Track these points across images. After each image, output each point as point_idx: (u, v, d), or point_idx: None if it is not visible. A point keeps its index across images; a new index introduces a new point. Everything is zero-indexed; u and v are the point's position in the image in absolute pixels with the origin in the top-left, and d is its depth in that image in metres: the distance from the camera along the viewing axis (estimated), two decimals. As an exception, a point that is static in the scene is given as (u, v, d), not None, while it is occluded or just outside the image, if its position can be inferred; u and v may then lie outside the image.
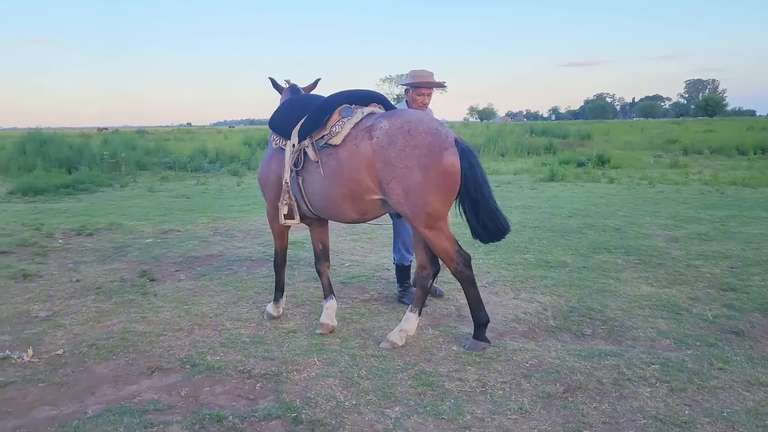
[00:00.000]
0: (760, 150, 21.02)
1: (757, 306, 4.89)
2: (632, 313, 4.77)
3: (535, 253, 6.96)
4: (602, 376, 3.63)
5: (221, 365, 3.91)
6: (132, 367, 3.93)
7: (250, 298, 5.37)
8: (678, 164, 18.12)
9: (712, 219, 8.83)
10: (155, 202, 11.89)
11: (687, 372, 3.65)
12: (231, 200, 12.24)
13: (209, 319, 4.83)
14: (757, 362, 3.79)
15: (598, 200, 11.25)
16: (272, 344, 4.26)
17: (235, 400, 3.49)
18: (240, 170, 18.18)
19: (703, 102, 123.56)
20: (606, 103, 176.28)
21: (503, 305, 5.06)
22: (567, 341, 4.30)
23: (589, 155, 19.12)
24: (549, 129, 36.37)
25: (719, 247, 6.96)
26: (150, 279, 6.02)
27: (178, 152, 22.00)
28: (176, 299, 5.34)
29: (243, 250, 7.37)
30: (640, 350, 4.03)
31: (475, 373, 3.74)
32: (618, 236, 7.78)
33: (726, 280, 5.63)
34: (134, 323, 4.72)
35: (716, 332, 4.36)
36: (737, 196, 11.33)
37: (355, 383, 3.63)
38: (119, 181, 15.62)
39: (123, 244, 7.80)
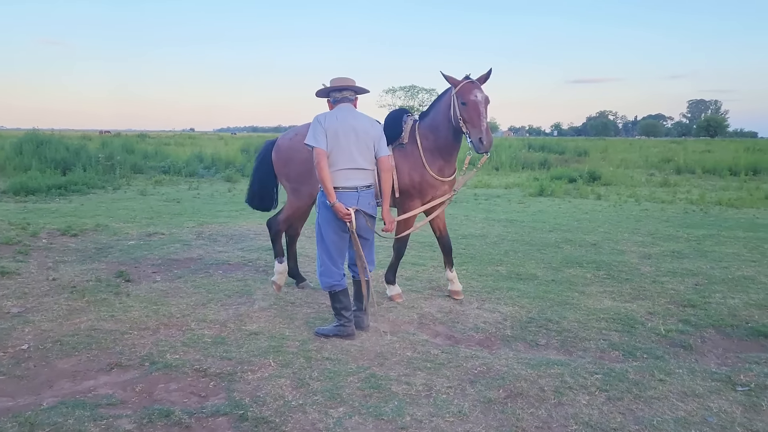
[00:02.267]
0: (752, 171, 21.16)
1: (712, 322, 5.00)
2: (588, 326, 4.88)
3: (508, 265, 7.07)
4: (545, 383, 3.74)
5: (179, 363, 4.03)
6: (92, 363, 4.05)
7: (220, 300, 5.49)
8: (668, 183, 18.26)
9: (689, 237, 8.95)
10: (145, 206, 12.03)
11: (627, 382, 3.76)
12: (220, 206, 12.38)
13: (176, 319, 4.95)
14: (697, 375, 3.90)
15: (582, 216, 11.38)
16: (232, 345, 4.38)
17: (187, 397, 3.60)
18: (234, 176, 18.34)
19: (705, 122, 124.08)
20: (608, 121, 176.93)
21: (465, 314, 5.18)
22: (520, 350, 4.41)
23: (582, 171, 19.27)
24: (547, 145, 36.54)
25: (689, 265, 7.08)
26: (126, 279, 6.14)
27: (175, 157, 22.18)
28: (147, 299, 5.46)
29: (222, 254, 7.49)
30: (588, 360, 4.15)
31: (424, 377, 3.86)
32: (593, 251, 7.90)
33: (688, 296, 5.74)
34: (102, 321, 4.84)
35: (666, 346, 4.48)
36: (720, 216, 11.45)
37: (306, 384, 3.74)
38: (112, 184, 15.78)
39: (106, 245, 7.93)
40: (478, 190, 16.44)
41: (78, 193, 14.05)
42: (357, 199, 4.42)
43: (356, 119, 4.44)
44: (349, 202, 4.38)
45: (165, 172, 19.13)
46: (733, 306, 5.42)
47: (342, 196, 4.38)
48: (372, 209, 4.55)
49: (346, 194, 4.39)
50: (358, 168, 4.40)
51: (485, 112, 4.91)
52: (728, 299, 5.63)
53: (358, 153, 4.38)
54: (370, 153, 4.47)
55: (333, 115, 4.44)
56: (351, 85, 4.54)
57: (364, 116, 4.56)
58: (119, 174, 17.63)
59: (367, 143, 4.43)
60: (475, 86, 4.97)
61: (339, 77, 4.57)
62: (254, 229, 9.41)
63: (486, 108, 4.93)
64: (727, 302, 5.53)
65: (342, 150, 4.35)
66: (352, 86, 4.54)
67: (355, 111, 4.53)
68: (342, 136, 4.34)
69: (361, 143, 4.40)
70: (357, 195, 4.42)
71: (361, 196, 4.44)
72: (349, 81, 4.57)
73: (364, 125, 4.44)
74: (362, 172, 4.43)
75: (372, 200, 4.55)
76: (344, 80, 4.56)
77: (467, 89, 4.94)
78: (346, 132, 4.35)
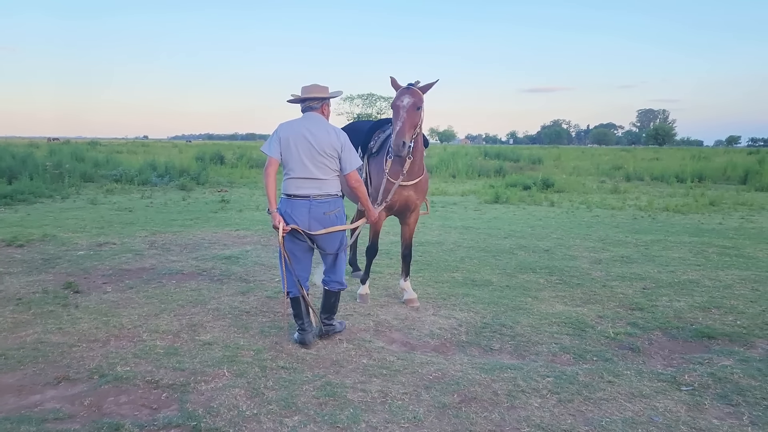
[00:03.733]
0: (698, 178, 21.98)
1: (659, 324, 5.17)
2: (540, 330, 4.98)
3: (463, 272, 7.16)
4: (498, 387, 3.81)
5: (130, 376, 3.94)
6: (38, 377, 3.92)
7: (173, 310, 5.39)
8: (618, 190, 18.79)
9: (637, 243, 9.23)
10: (95, 215, 11.72)
11: (577, 384, 3.85)
12: (174, 214, 12.16)
13: (127, 330, 4.83)
14: (644, 376, 4.03)
15: (536, 223, 11.60)
16: (185, 356, 4.31)
17: (138, 409, 3.52)
18: (188, 185, 18.04)
19: (654, 131, 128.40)
20: (562, 129, 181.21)
21: (421, 321, 5.22)
22: (475, 355, 4.47)
23: (536, 179, 19.66)
24: (502, 152, 37.19)
25: (638, 269, 7.30)
26: (74, 291, 5.97)
27: (127, 165, 21.68)
28: (97, 311, 5.32)
29: (176, 263, 7.36)
30: (540, 364, 4.23)
31: (379, 384, 3.87)
32: (546, 257, 8.07)
33: (636, 300, 5.92)
34: (49, 334, 4.70)
35: (615, 348, 4.61)
36: (667, 222, 11.84)
37: (260, 393, 3.71)
38: (61, 193, 15.31)
39: (53, 255, 7.70)
40: (435, 197, 16.58)
41: (24, 202, 13.58)
42: (309, 208, 4.37)
43: (313, 129, 4.37)
44: (300, 211, 4.36)
45: (117, 180, 18.67)
46: (679, 309, 5.61)
47: (293, 204, 4.37)
48: (327, 219, 4.43)
49: (298, 202, 4.37)
50: (310, 177, 4.35)
51: (403, 116, 5.01)
52: (674, 302, 5.83)
53: (311, 162, 4.33)
54: (328, 163, 4.38)
55: (293, 123, 4.43)
56: (315, 94, 4.47)
57: (326, 126, 4.45)
58: (68, 183, 17.11)
59: (323, 153, 4.34)
60: (404, 92, 5.12)
61: (307, 85, 4.54)
62: (209, 238, 9.28)
63: (406, 112, 5.02)
64: (673, 305, 5.73)
65: (294, 159, 4.34)
66: (316, 95, 4.47)
67: (317, 120, 4.45)
68: (294, 145, 4.33)
69: (316, 153, 4.33)
70: (309, 204, 4.37)
71: (314, 206, 4.37)
72: (315, 89, 4.51)
73: (321, 135, 4.35)
74: (316, 181, 4.37)
75: (329, 210, 4.43)
76: (310, 89, 4.51)
77: (397, 94, 5.16)
78: (299, 141, 4.33)
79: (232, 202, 14.58)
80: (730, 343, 4.75)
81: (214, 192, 17.23)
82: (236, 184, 20.05)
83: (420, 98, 5.10)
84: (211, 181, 19.80)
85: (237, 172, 23.99)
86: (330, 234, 4.49)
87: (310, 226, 4.39)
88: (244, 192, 17.50)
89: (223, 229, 10.23)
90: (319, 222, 4.42)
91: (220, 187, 18.47)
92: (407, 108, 5.02)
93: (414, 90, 5.12)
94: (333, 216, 4.48)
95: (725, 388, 3.85)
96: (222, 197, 15.32)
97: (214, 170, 23.02)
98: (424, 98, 5.14)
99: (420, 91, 5.14)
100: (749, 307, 5.66)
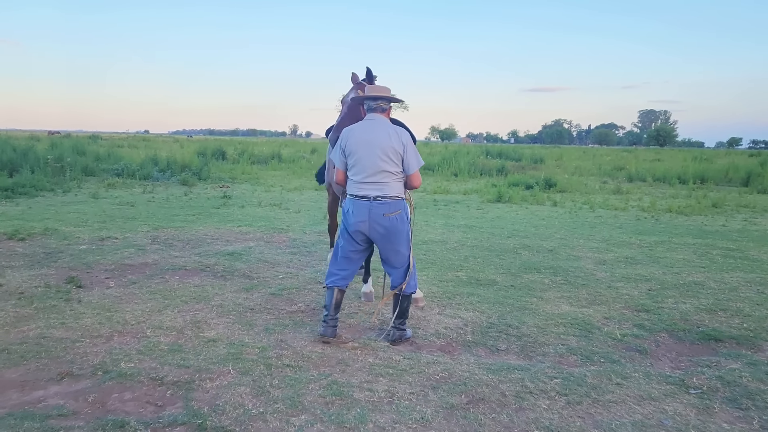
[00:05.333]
0: (700, 180, 21.93)
1: (665, 326, 5.13)
2: (547, 330, 4.95)
3: (468, 271, 7.13)
4: (506, 388, 3.77)
5: (134, 372, 3.91)
6: (42, 373, 3.89)
7: (176, 307, 5.35)
8: (621, 190, 18.74)
9: (641, 244, 9.20)
10: (97, 209, 11.68)
11: (586, 386, 3.82)
12: (176, 210, 12.12)
13: (130, 326, 4.80)
14: (653, 378, 3.99)
15: (539, 222, 11.57)
16: (190, 353, 4.27)
17: (142, 406, 3.49)
18: (190, 180, 17.98)
19: (655, 132, 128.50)
20: (563, 129, 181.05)
21: (426, 320, 5.18)
22: (481, 355, 4.44)
23: (538, 178, 19.62)
24: (504, 152, 37.13)
25: (642, 271, 7.27)
26: (77, 285, 5.94)
27: (129, 159, 21.63)
28: (100, 306, 5.29)
29: (179, 259, 7.32)
30: (547, 365, 4.20)
31: (386, 384, 3.83)
32: (550, 257, 8.03)
33: (642, 301, 5.88)
34: (51, 329, 4.66)
35: (622, 350, 4.57)
36: (670, 223, 11.81)
37: (266, 392, 3.68)
38: (62, 187, 15.26)
39: (56, 249, 7.66)
40: (437, 196, 16.55)
41: (25, 195, 13.53)
42: (369, 209, 4.42)
43: (377, 131, 4.45)
44: (361, 212, 4.44)
45: (118, 175, 18.63)
46: (685, 311, 5.58)
47: (354, 204, 4.48)
48: (387, 221, 4.44)
49: (359, 203, 4.46)
50: (371, 180, 4.43)
51: (344, 110, 5.25)
52: (680, 304, 5.79)
53: (372, 164, 4.41)
54: (389, 165, 4.43)
55: (355, 129, 4.54)
56: (385, 95, 4.60)
57: (389, 128, 4.50)
58: (69, 176, 17.08)
59: (385, 155, 4.41)
60: (352, 88, 5.35)
61: (375, 85, 4.73)
62: (211, 233, 9.25)
63: (348, 107, 5.19)
64: (679, 307, 5.69)
65: (357, 161, 4.47)
66: (386, 96, 4.59)
67: (381, 122, 4.53)
68: (358, 148, 4.44)
69: (378, 155, 4.40)
70: (369, 205, 4.42)
71: (374, 207, 4.42)
72: (384, 90, 4.64)
73: (384, 137, 4.42)
74: (376, 184, 4.43)
75: (388, 211, 4.44)
76: (379, 89, 4.64)
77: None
78: (362, 144, 4.43)
79: (234, 198, 14.54)
80: (737, 346, 4.72)
81: (216, 188, 17.19)
82: (238, 180, 20.00)
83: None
84: (212, 177, 19.75)
85: (239, 168, 23.96)
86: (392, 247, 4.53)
87: (370, 227, 4.46)
88: (246, 188, 17.46)
89: (226, 225, 10.19)
90: (379, 224, 4.44)
91: (222, 183, 18.43)
92: (348, 103, 5.23)
93: (361, 85, 5.28)
94: (394, 218, 4.46)
95: (734, 391, 3.82)
96: (224, 193, 15.29)
97: (216, 166, 22.99)
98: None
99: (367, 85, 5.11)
100: (755, 310, 5.63)
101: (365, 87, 5.08)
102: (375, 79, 5.32)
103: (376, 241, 4.54)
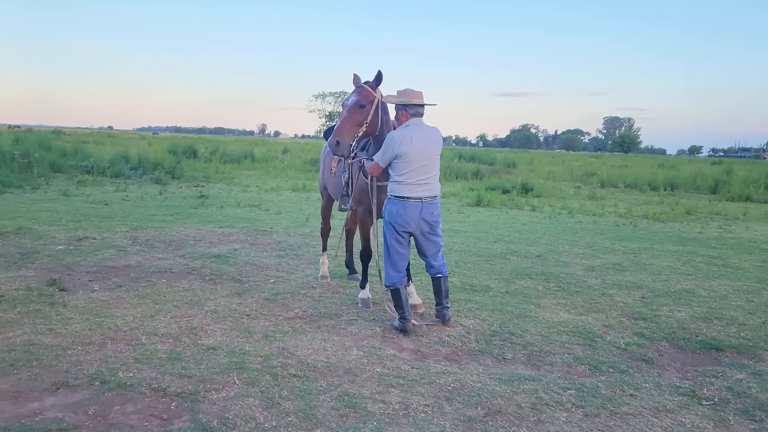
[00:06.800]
0: (670, 187, 22.37)
1: (665, 335, 5.14)
2: (550, 339, 4.90)
3: (460, 276, 7.06)
4: (521, 400, 3.70)
5: (134, 382, 3.72)
6: (35, 383, 3.68)
7: (169, 312, 5.15)
8: (596, 196, 18.97)
9: (625, 250, 9.28)
10: (70, 207, 11.29)
11: (600, 398, 3.78)
12: (153, 209, 11.80)
13: (123, 332, 4.59)
14: (664, 389, 3.97)
15: (522, 227, 11.60)
16: (190, 361, 4.10)
17: (147, 420, 3.32)
18: (163, 178, 17.56)
19: (620, 138, 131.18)
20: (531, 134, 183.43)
21: (428, 327, 5.09)
22: (489, 365, 4.36)
23: (514, 183, 19.75)
24: (477, 155, 37.36)
25: (632, 278, 7.31)
26: (60, 288, 5.68)
27: (97, 156, 21.02)
28: (88, 311, 5.06)
29: (163, 261, 7.09)
30: (557, 375, 4.15)
31: (398, 395, 3.73)
32: (539, 263, 8.03)
33: (637, 309, 5.90)
34: (40, 335, 4.43)
35: (628, 359, 4.55)
36: (648, 230, 11.96)
37: (276, 404, 3.54)
38: (30, 183, 14.74)
39: (31, 249, 7.35)
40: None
41: (-8, 192, 13.02)
42: (420, 209, 4.78)
43: (427, 136, 4.81)
44: (412, 213, 4.76)
45: (88, 171, 18.07)
46: (681, 319, 5.60)
47: (405, 205, 4.75)
48: (433, 219, 4.87)
49: (410, 204, 4.76)
50: (423, 182, 4.77)
51: (344, 114, 5.00)
52: (675, 312, 5.82)
53: (422, 168, 4.74)
54: (435, 166, 4.87)
55: (407, 134, 4.73)
56: (428, 103, 4.93)
57: (432, 130, 4.90)
58: (37, 173, 16.50)
59: (432, 157, 4.82)
60: (353, 91, 5.09)
61: (411, 90, 4.89)
62: (193, 234, 9.01)
63: (348, 111, 4.98)
64: (675, 315, 5.72)
65: (408, 164, 4.71)
66: (429, 103, 4.94)
67: (425, 127, 4.88)
68: (413, 152, 4.70)
69: (427, 159, 4.77)
70: (421, 205, 4.78)
71: (425, 207, 4.79)
72: (421, 96, 4.91)
73: (431, 142, 4.82)
74: (426, 184, 4.79)
75: (435, 210, 4.88)
76: (418, 95, 4.89)
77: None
78: (416, 148, 4.71)
79: (212, 198, 14.24)
80: (738, 355, 4.75)
81: (191, 187, 16.83)
82: (212, 179, 19.63)
83: (366, 96, 4.96)
84: (186, 176, 19.35)
85: (212, 166, 23.56)
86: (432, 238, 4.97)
87: (419, 225, 4.83)
88: (222, 188, 17.14)
89: (207, 225, 9.95)
90: (427, 221, 4.84)
91: (197, 182, 18.06)
92: (349, 107, 4.98)
93: (363, 89, 5.02)
94: (437, 215, 4.92)
95: (746, 403, 3.82)
96: (200, 192, 14.97)
97: (188, 164, 22.54)
98: (375, 96, 4.98)
99: (370, 89, 4.99)
100: (749, 319, 5.68)
101: (376, 88, 5.01)
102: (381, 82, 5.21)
103: (419, 237, 4.91)
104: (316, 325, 5.05)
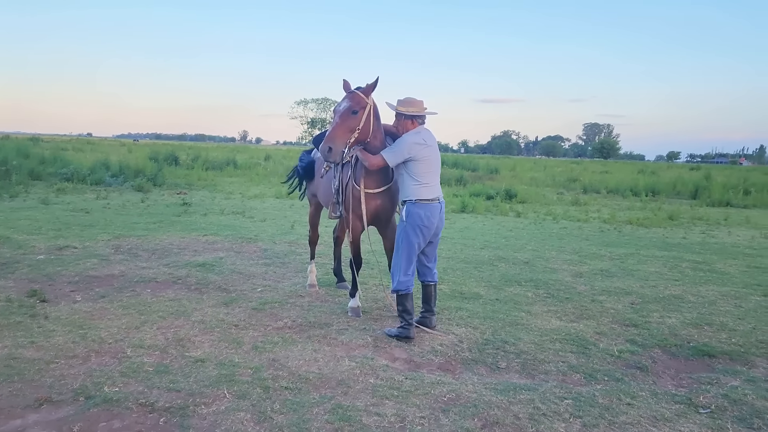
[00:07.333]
0: (651, 192, 22.59)
1: (657, 342, 5.12)
2: (544, 347, 4.86)
3: (449, 283, 7.01)
4: (518, 411, 3.65)
5: (120, 397, 3.60)
6: (17, 399, 3.55)
7: (155, 323, 5.03)
8: (579, 202, 19.09)
9: (612, 256, 9.30)
10: (50, 216, 11.06)
11: (598, 407, 3.73)
12: (135, 217, 11.61)
13: (108, 345, 4.46)
14: (660, 398, 3.94)
15: (508, 233, 11.59)
16: (178, 374, 3.99)
17: (135, 436, 3.21)
18: (145, 186, 17.31)
19: (599, 145, 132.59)
20: (512, 140, 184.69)
21: (420, 336, 5.02)
22: (483, 374, 4.31)
23: (498, 189, 19.79)
24: (460, 161, 37.48)
25: (620, 284, 7.31)
26: (41, 299, 5.53)
27: (77, 163, 20.70)
28: (71, 322, 4.92)
29: (147, 270, 6.95)
30: (553, 384, 4.10)
31: (393, 407, 3.65)
32: (527, 270, 8.01)
33: (628, 315, 5.88)
34: (21, 349, 4.29)
35: (622, 367, 4.52)
36: (633, 235, 12.02)
37: (269, 418, 3.44)
38: (8, 191, 14.43)
39: (10, 259, 7.16)
40: (400, 205, 16.42)
41: (-31, 200, 12.73)
42: (440, 209, 5.04)
43: (434, 141, 5.10)
44: (434, 213, 4.95)
45: (68, 179, 17.76)
46: (672, 326, 5.60)
47: (429, 207, 4.93)
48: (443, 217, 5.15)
49: (432, 205, 4.95)
50: (437, 183, 5.09)
51: (336, 120, 4.91)
52: (666, 318, 5.82)
53: (437, 170, 5.08)
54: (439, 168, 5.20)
55: (421, 138, 4.94)
56: (431, 112, 5.15)
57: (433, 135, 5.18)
58: (15, 180, 16.16)
59: (439, 160, 5.16)
60: (344, 97, 5.01)
61: (414, 99, 5.08)
62: (177, 243, 8.86)
63: (340, 117, 4.88)
64: (666, 321, 5.71)
65: (429, 167, 4.94)
66: (432, 112, 5.15)
67: (431, 133, 5.13)
68: (430, 157, 4.96)
69: (439, 162, 5.13)
70: (440, 206, 5.05)
71: (442, 206, 5.09)
72: (423, 105, 5.10)
73: (436, 146, 5.14)
74: (438, 186, 5.13)
75: (444, 209, 5.18)
76: (421, 105, 5.08)
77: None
78: (432, 153, 5.00)
79: (195, 205, 14.06)
80: (731, 362, 4.74)
81: (173, 194, 16.61)
82: (195, 186, 19.42)
83: (358, 102, 4.88)
84: (168, 183, 19.12)
85: (194, 173, 23.31)
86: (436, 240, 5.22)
87: (437, 225, 5.02)
88: (205, 195, 16.95)
89: (190, 233, 9.79)
90: (442, 220, 5.08)
91: (179, 190, 17.84)
92: (341, 112, 4.88)
93: (354, 94, 4.93)
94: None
95: (742, 410, 3.80)
96: (183, 200, 14.77)
97: (170, 171, 22.26)
98: (368, 102, 4.92)
99: (362, 95, 4.91)
100: (739, 325, 5.69)
101: (369, 94, 4.96)
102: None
103: (431, 238, 5.06)
104: (306, 335, 4.95)
